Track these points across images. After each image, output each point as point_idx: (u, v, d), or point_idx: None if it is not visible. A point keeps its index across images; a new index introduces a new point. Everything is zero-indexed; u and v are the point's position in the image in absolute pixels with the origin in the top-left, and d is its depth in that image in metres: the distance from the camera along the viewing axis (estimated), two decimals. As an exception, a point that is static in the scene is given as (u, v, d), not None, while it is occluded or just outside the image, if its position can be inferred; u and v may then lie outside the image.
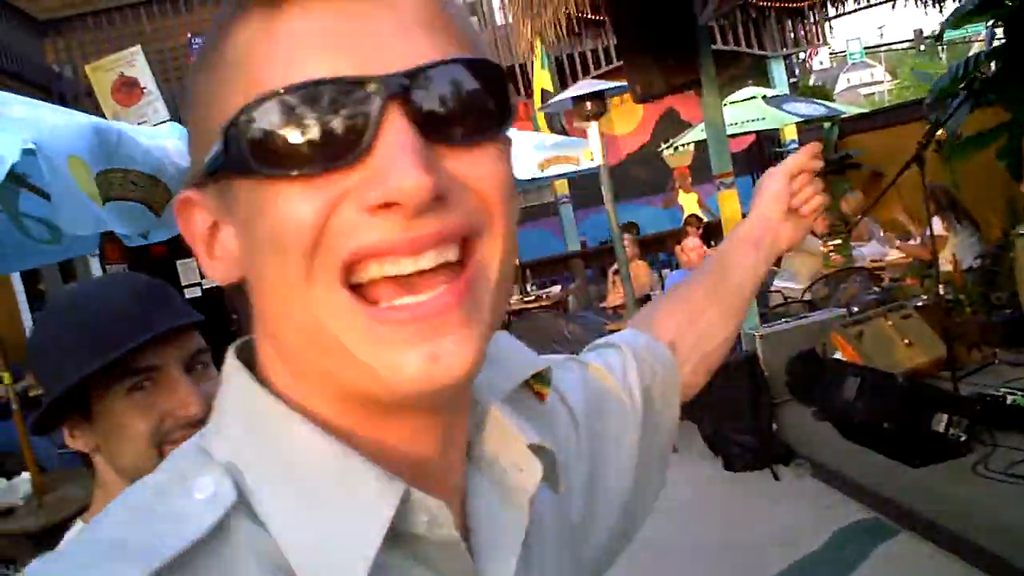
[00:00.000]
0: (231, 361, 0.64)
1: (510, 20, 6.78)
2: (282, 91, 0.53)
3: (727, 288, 1.09)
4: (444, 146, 0.55)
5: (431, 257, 0.54)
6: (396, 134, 0.53)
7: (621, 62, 9.03)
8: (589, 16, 5.84)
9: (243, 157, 0.54)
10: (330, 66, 0.53)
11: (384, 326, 0.54)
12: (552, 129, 11.14)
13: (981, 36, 16.14)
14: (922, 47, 30.86)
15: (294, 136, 0.52)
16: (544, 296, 9.93)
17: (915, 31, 29.75)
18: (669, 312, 1.08)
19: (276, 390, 0.61)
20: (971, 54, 9.88)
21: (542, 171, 9.56)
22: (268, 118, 0.53)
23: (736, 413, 5.60)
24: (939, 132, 5.66)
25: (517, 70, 12.40)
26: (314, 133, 0.52)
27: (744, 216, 1.16)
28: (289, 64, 0.54)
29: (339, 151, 0.53)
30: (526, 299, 9.88)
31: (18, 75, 10.66)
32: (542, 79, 10.85)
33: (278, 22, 0.55)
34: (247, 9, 0.57)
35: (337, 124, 0.53)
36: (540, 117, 11.08)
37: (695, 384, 1.06)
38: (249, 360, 0.64)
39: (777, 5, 6.84)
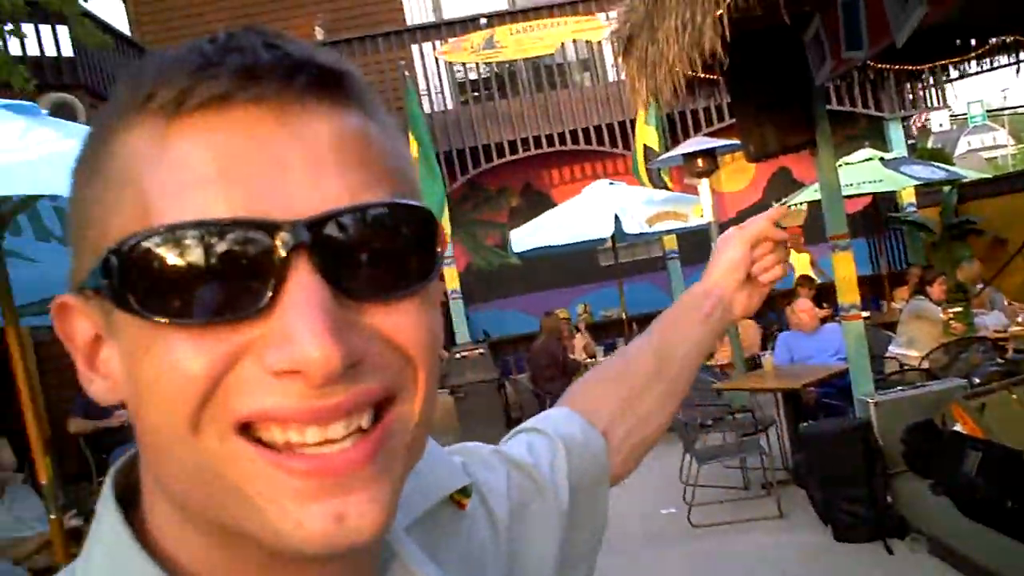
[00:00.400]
0: (107, 494, 0.56)
1: (622, 77, 6.82)
2: (170, 228, 0.46)
3: (670, 365, 1.02)
4: (360, 300, 0.50)
5: (340, 427, 0.48)
6: (303, 291, 0.46)
7: (732, 120, 8.99)
8: (703, 75, 5.83)
9: (124, 294, 0.48)
10: (228, 203, 0.47)
11: (287, 475, 0.48)
12: (654, 185, 11.16)
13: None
14: (1047, 112, 29.86)
15: (183, 281, 0.46)
16: (649, 352, 9.83)
17: (1041, 95, 28.73)
18: (607, 393, 1.01)
19: (153, 533, 0.55)
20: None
21: (650, 226, 9.56)
22: (153, 257, 0.46)
23: (848, 481, 5.41)
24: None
25: (628, 125, 12.46)
26: (207, 280, 0.46)
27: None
28: (180, 194, 0.47)
29: (237, 303, 0.47)
30: (631, 354, 9.80)
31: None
32: (646, 135, 10.88)
33: (170, 139, 0.48)
34: (136, 115, 0.50)
35: (235, 272, 0.46)
36: (643, 172, 11.10)
37: (624, 474, 0.99)
38: (135, 483, 0.58)
39: (896, 67, 6.70)
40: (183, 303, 0.46)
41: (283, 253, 0.46)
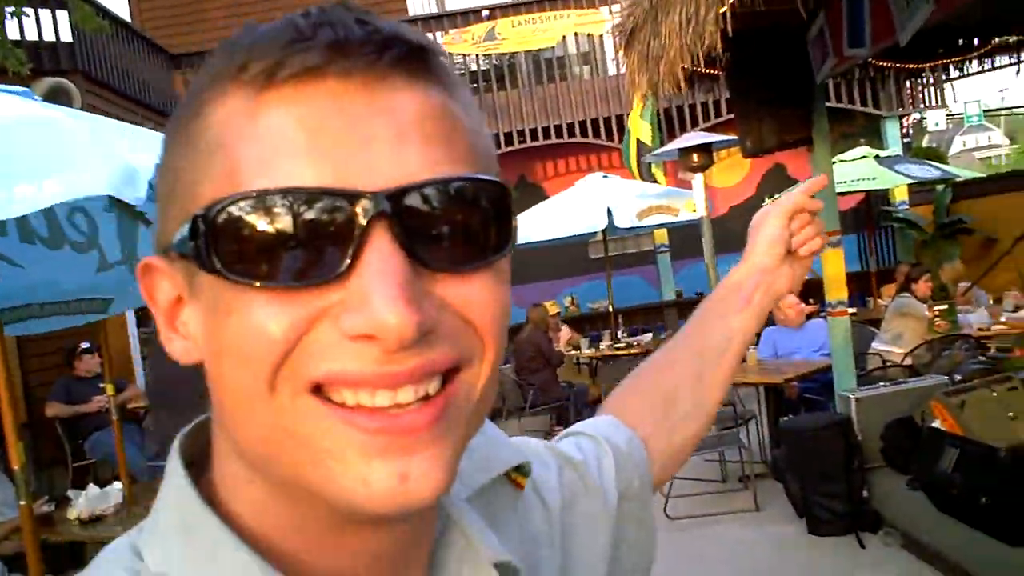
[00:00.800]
0: (174, 457, 0.59)
1: (622, 71, 6.83)
2: (258, 194, 0.48)
3: (711, 362, 1.00)
4: (435, 271, 0.51)
5: (410, 392, 0.50)
6: (381, 259, 0.48)
7: (729, 115, 8.96)
8: (703, 70, 5.85)
9: (210, 256, 0.49)
10: (315, 172, 0.48)
11: (356, 431, 0.49)
12: (643, 178, 11.18)
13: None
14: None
15: (267, 246, 0.48)
16: (636, 343, 9.88)
17: (1040, 96, 28.76)
18: (646, 400, 0.99)
19: (221, 494, 0.57)
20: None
21: (640, 220, 9.58)
22: (239, 221, 0.48)
23: (826, 475, 5.44)
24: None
25: (626, 119, 12.50)
26: (290, 245, 0.48)
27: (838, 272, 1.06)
28: (269, 162, 0.49)
29: (317, 268, 0.48)
30: (616, 346, 9.84)
31: (148, 104, 11.25)
32: (640, 129, 10.88)
33: (261, 108, 0.50)
34: (229, 84, 0.52)
35: (316, 238, 0.48)
36: (634, 165, 11.12)
37: (664, 480, 0.97)
38: (202, 447, 0.60)
39: (896, 65, 6.71)
40: (267, 267, 0.48)
41: (363, 221, 0.48)
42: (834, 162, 7.19)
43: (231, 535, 0.54)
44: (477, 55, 13.71)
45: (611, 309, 10.63)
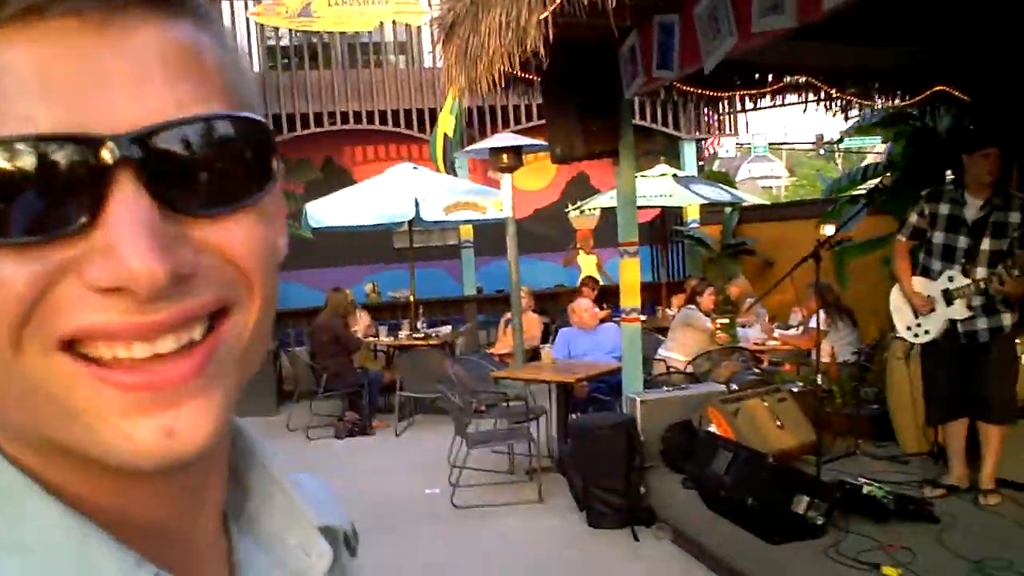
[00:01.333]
0: None
1: (438, 64, 6.87)
2: None
3: None
4: (189, 215, 0.47)
5: (170, 341, 0.47)
6: (127, 207, 0.44)
7: (541, 120, 9.16)
8: (520, 74, 5.97)
9: None
10: (52, 116, 0.44)
11: (114, 389, 0.46)
12: (447, 173, 11.26)
13: (877, 148, 17.07)
14: (821, 151, 32.64)
15: (2, 198, 0.43)
16: (434, 335, 9.94)
17: (817, 135, 31.38)
18: None
19: None
20: (865, 163, 10.48)
21: (447, 215, 9.65)
22: None
23: (608, 472, 5.67)
24: (835, 232, 5.97)
25: (439, 113, 12.53)
26: (27, 197, 0.43)
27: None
28: (2, 108, 0.44)
29: (58, 220, 0.44)
30: (415, 335, 9.86)
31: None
32: (446, 124, 10.93)
33: None
34: None
35: (56, 188, 0.44)
36: (440, 159, 11.17)
37: None
38: None
39: (698, 92, 7.12)
40: (1, 222, 0.43)
41: (106, 168, 0.44)
42: (636, 177, 7.54)
43: (31, 483, 0.49)
44: (290, 30, 13.33)
45: (412, 299, 10.64)
